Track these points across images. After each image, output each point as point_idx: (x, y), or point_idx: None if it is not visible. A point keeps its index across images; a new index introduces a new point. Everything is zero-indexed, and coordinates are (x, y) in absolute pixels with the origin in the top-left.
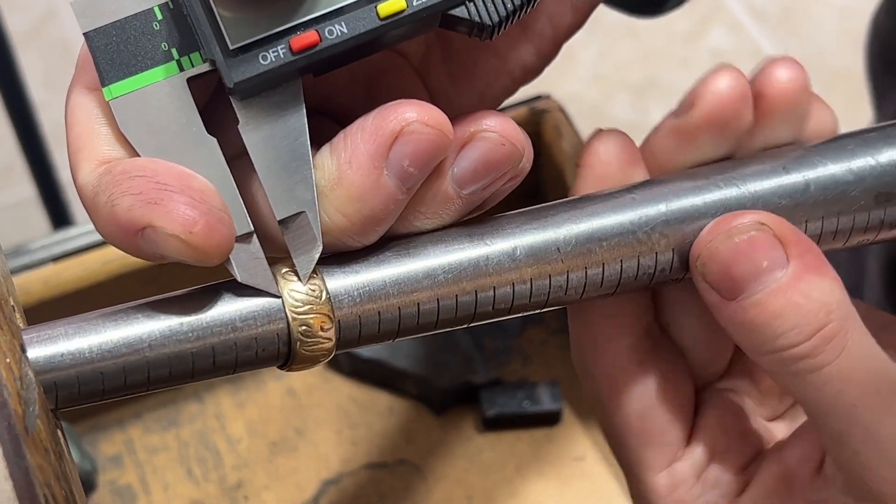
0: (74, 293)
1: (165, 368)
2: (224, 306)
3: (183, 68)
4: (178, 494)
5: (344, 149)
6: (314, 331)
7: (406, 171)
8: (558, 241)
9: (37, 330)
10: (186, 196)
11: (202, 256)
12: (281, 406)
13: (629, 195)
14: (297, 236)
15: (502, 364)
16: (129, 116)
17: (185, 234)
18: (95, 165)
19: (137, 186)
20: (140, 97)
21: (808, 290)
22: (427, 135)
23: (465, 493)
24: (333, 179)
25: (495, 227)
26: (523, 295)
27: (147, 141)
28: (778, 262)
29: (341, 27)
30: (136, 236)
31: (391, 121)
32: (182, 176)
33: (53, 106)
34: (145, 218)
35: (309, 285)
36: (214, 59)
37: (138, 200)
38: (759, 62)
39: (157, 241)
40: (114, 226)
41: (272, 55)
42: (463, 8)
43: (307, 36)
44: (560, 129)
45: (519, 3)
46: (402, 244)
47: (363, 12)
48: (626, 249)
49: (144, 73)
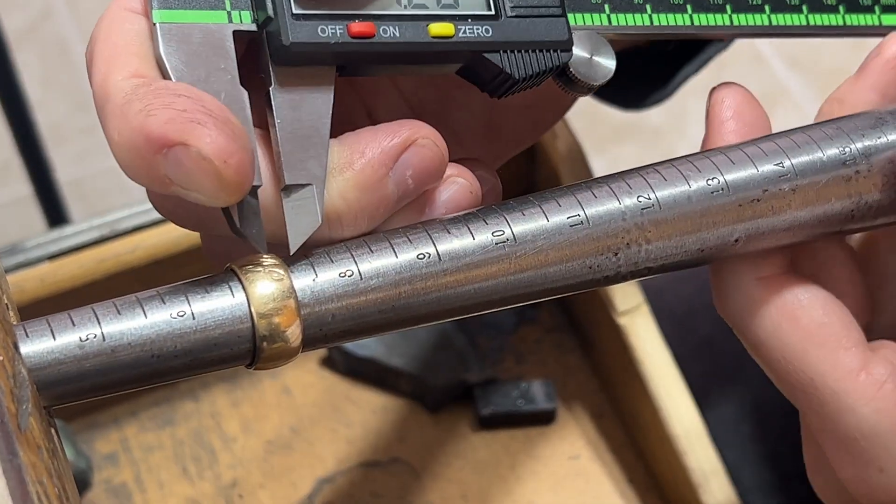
0: (70, 291)
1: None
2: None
3: (231, 20)
4: (173, 493)
5: (357, 141)
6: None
7: (405, 183)
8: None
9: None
10: (228, 128)
11: (223, 191)
12: (276, 404)
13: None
14: (296, 207)
15: (497, 362)
16: (171, 44)
17: (219, 161)
18: (129, 75)
19: (182, 104)
20: (185, 31)
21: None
22: (434, 152)
23: (459, 491)
24: (343, 163)
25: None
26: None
27: (183, 72)
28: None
29: (395, 31)
30: (159, 151)
31: (408, 128)
32: (224, 109)
33: (50, 105)
34: (183, 135)
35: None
36: (275, 17)
37: (181, 116)
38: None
39: (185, 162)
40: (140, 135)
41: (330, 30)
42: (497, 55)
43: (365, 25)
44: (555, 129)
45: (544, 68)
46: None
47: (416, 26)
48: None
49: (194, 12)
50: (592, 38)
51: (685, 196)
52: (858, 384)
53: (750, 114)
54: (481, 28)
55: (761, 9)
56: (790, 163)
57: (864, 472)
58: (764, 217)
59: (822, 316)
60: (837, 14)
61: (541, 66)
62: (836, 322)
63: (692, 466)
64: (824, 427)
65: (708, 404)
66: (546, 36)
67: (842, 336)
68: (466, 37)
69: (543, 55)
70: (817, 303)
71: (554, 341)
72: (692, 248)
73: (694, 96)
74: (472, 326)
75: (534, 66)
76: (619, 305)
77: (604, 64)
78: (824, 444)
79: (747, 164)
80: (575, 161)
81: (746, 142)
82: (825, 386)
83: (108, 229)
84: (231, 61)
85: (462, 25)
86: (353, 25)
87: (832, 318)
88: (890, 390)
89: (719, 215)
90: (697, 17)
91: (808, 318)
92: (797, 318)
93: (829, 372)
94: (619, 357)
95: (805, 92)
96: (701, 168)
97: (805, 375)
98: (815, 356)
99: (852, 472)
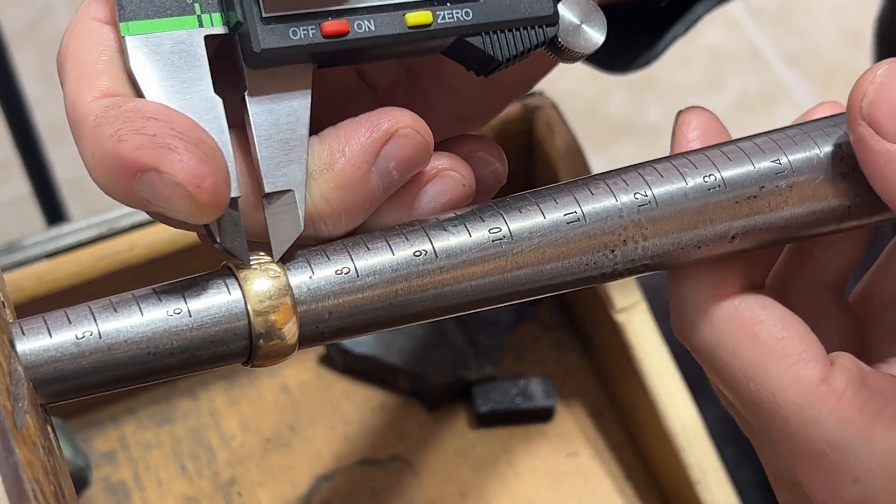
0: (68, 289)
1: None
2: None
3: (202, 25)
4: (171, 491)
5: (336, 139)
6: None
7: (390, 174)
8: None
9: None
10: (200, 150)
11: (199, 212)
12: (274, 402)
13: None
14: (278, 213)
15: (495, 360)
16: (141, 57)
17: (192, 186)
18: (100, 95)
19: (152, 128)
20: (155, 41)
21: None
22: (416, 141)
23: (457, 489)
24: (324, 164)
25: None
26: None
27: (155, 85)
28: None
29: (370, 24)
30: (133, 176)
31: (387, 119)
32: (196, 129)
33: (49, 103)
34: (154, 161)
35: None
36: (244, 22)
37: (151, 142)
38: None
39: (157, 187)
40: (113, 160)
41: (302, 32)
42: (479, 38)
43: (339, 23)
44: (553, 126)
45: (529, 46)
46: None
47: (393, 17)
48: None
49: (163, 20)
50: (583, 3)
51: (682, 193)
52: (819, 396)
53: (715, 137)
54: (461, 11)
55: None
56: (787, 159)
57: (839, 486)
58: (761, 214)
59: (780, 330)
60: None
61: (525, 44)
62: (795, 336)
63: (690, 463)
64: (791, 446)
65: (706, 402)
66: (530, 11)
67: (801, 350)
68: (445, 22)
69: (528, 32)
70: (775, 317)
71: (553, 339)
72: (689, 244)
73: (694, 94)
74: (471, 324)
75: (518, 46)
76: (618, 303)
77: (593, 34)
78: (795, 467)
79: (744, 161)
80: (573, 158)
81: (743, 138)
82: (787, 401)
83: (106, 227)
84: (203, 68)
85: (440, 11)
86: (325, 24)
87: (791, 332)
88: (850, 398)
89: (716, 212)
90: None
91: (766, 332)
92: (756, 333)
93: (791, 386)
94: (618, 354)
95: (805, 90)
96: (698, 165)
97: (766, 391)
98: (776, 371)
99: (827, 490)
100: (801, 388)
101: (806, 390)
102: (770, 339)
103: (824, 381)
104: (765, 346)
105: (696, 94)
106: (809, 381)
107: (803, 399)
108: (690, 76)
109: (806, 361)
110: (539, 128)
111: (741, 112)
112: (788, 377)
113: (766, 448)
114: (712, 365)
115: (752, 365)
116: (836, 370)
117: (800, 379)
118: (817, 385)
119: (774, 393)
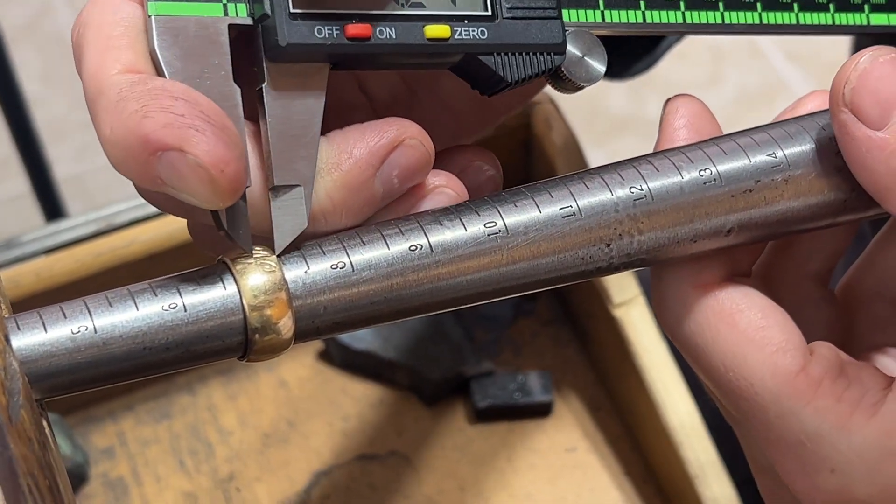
0: (66, 286)
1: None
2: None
3: (227, 13)
4: (169, 486)
5: (345, 140)
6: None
7: (391, 181)
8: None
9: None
10: (226, 135)
11: (216, 197)
12: (273, 398)
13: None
14: (283, 207)
15: (494, 355)
16: (166, 37)
17: (216, 170)
18: (123, 69)
19: (180, 108)
20: (181, 23)
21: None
22: (421, 152)
23: (456, 484)
24: (331, 163)
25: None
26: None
27: (176, 67)
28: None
29: (391, 32)
30: (153, 154)
31: (395, 128)
32: (221, 114)
33: (48, 101)
34: (179, 141)
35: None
36: (271, 15)
37: (179, 121)
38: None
39: (178, 167)
40: (134, 136)
41: (326, 31)
42: (491, 57)
43: (362, 27)
44: (550, 121)
45: (536, 71)
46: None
47: (413, 27)
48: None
49: (190, 4)
50: (587, 38)
51: (678, 187)
52: (797, 386)
53: (703, 125)
54: (477, 30)
55: (753, 6)
56: (783, 153)
57: (817, 477)
58: (757, 208)
59: (760, 319)
60: (827, 13)
61: (534, 69)
62: (775, 325)
63: (688, 458)
64: (769, 436)
65: (704, 396)
66: (540, 38)
67: (780, 339)
68: (462, 38)
69: (537, 58)
70: (755, 307)
71: (550, 334)
72: (685, 238)
73: (694, 89)
74: (469, 319)
75: (527, 70)
76: (616, 297)
77: (594, 66)
78: (773, 457)
79: (740, 155)
80: (571, 154)
81: (739, 132)
82: (765, 390)
83: (104, 223)
84: (225, 56)
85: (458, 27)
86: (349, 27)
87: (770, 321)
88: (828, 387)
89: (712, 206)
90: (690, 14)
91: (746, 321)
92: (735, 322)
93: (769, 376)
94: (616, 349)
95: (804, 85)
96: (693, 159)
97: (745, 381)
98: (754, 360)
99: (805, 480)
100: (779, 378)
101: (783, 380)
102: (749, 329)
103: (802, 371)
104: (744, 335)
105: (695, 89)
106: (787, 370)
107: (781, 389)
108: (690, 71)
109: (785, 351)
110: (537, 124)
111: (741, 107)
112: (767, 367)
113: (747, 437)
114: (693, 354)
115: (730, 354)
116: (814, 359)
117: (778, 368)
118: (795, 375)
119: (753, 382)
